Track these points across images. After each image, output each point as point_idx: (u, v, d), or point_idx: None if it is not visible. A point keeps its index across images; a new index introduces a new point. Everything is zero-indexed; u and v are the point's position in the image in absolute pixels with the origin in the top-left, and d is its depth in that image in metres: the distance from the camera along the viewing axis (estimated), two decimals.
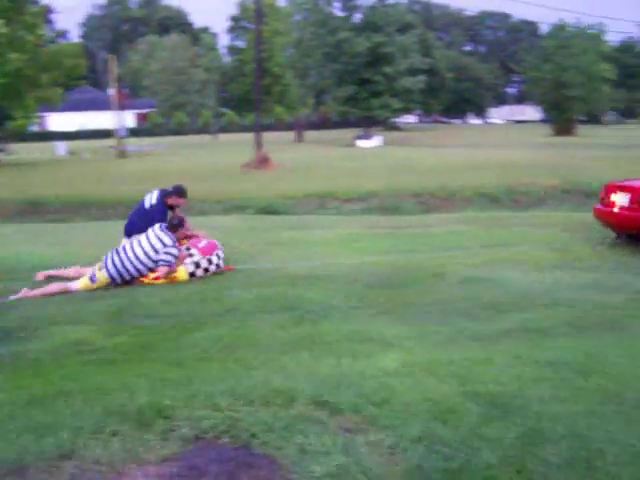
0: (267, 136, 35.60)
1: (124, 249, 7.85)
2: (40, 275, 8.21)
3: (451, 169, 20.22)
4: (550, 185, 16.20)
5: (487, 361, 4.99)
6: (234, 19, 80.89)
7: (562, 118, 55.47)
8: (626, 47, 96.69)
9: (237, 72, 73.72)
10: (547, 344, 5.42)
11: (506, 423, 3.97)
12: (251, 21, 58.17)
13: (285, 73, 61.04)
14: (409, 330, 5.78)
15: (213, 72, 70.65)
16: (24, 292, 7.47)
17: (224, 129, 73.70)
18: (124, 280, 7.82)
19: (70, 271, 8.24)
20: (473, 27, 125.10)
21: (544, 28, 75.54)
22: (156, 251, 7.76)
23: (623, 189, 9.87)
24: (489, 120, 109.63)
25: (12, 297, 7.37)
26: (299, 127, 57.86)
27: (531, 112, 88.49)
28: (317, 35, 52.62)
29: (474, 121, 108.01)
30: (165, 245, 7.80)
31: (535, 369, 4.84)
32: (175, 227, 8.03)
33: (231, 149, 43.25)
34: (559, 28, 58.00)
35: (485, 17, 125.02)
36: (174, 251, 7.85)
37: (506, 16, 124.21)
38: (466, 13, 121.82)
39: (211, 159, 34.26)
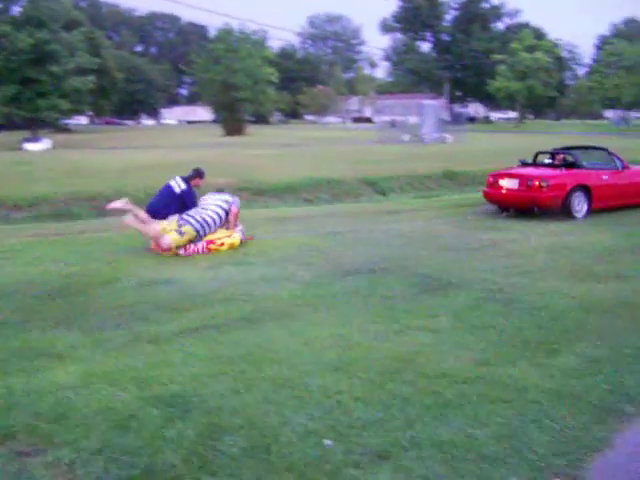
0: None
1: (203, 209, 9.86)
2: (112, 205, 9.75)
3: (124, 170, 19.89)
4: (227, 184, 16.65)
5: (165, 363, 5.03)
6: None
7: (232, 119, 57.39)
8: (286, 53, 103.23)
9: None
10: (223, 339, 5.60)
11: (187, 422, 4.04)
12: None
13: None
14: (85, 340, 5.61)
15: None
16: (128, 220, 9.37)
17: None
18: (204, 233, 9.65)
19: (140, 213, 9.53)
20: (143, 27, 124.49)
21: (213, 32, 77.62)
22: (226, 201, 10.15)
23: (511, 176, 13.33)
24: (162, 121, 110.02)
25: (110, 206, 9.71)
26: None
27: (203, 113, 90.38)
28: None
29: (147, 122, 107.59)
30: (227, 198, 10.28)
31: (212, 365, 4.98)
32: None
33: None
34: (226, 32, 60.00)
35: (155, 18, 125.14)
36: (235, 199, 10.45)
37: (176, 18, 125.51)
38: (136, 13, 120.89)
39: None
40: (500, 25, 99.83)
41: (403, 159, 25.25)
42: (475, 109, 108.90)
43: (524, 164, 14.46)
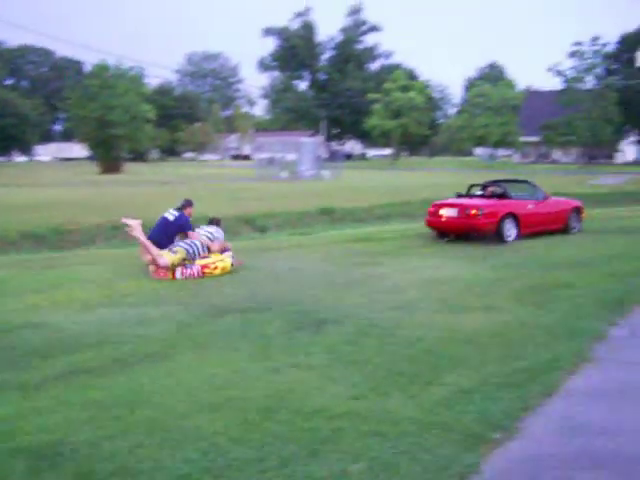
0: None
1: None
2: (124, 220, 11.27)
3: None
4: (96, 223, 16.31)
5: (34, 411, 4.84)
6: None
7: (108, 156, 56.22)
8: (164, 90, 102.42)
9: None
10: (95, 384, 5.44)
11: (56, 473, 3.90)
12: None
13: None
14: None
15: None
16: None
17: None
18: (195, 253, 10.92)
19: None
20: (14, 60, 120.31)
21: (88, 67, 76.06)
22: (211, 234, 11.58)
23: (451, 205, 15.18)
24: (35, 157, 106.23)
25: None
26: None
27: (78, 150, 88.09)
28: None
29: (20, 159, 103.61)
30: (213, 232, 11.71)
31: (85, 411, 4.83)
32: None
33: None
34: (101, 68, 58.94)
35: (27, 51, 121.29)
36: (219, 235, 11.80)
37: (49, 52, 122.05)
38: (5, 45, 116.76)
39: None
40: (375, 65, 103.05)
41: (281, 196, 25.50)
42: (352, 146, 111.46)
43: (459, 195, 16.32)
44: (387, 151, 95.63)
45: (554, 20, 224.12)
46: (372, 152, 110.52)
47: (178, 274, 10.61)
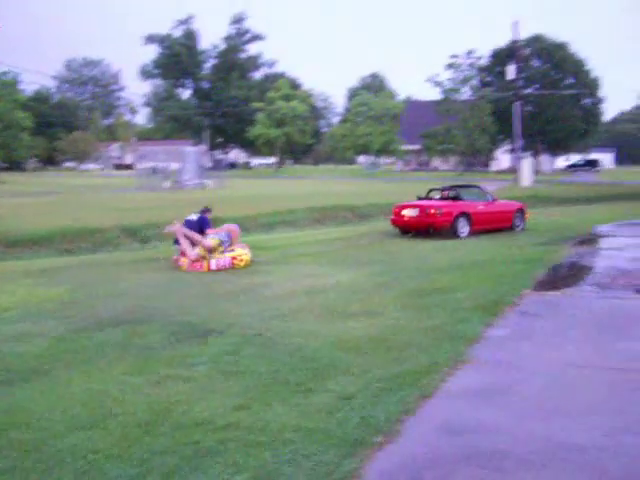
0: None
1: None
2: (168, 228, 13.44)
3: None
4: None
5: None
6: None
7: None
8: (41, 97, 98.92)
9: None
10: None
11: None
12: None
13: None
14: None
15: None
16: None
17: None
18: (226, 243, 12.87)
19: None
20: None
21: None
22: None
23: (413, 206, 17.96)
24: None
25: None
26: None
27: None
28: None
29: None
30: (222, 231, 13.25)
31: None
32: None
33: None
34: None
35: None
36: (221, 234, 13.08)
37: None
38: None
39: None
40: (258, 74, 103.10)
41: (163, 206, 25.03)
42: (236, 155, 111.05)
43: (420, 198, 19.29)
44: (271, 160, 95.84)
45: (434, 33, 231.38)
46: (256, 161, 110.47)
47: (213, 265, 12.33)
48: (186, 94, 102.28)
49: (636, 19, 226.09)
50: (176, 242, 13.12)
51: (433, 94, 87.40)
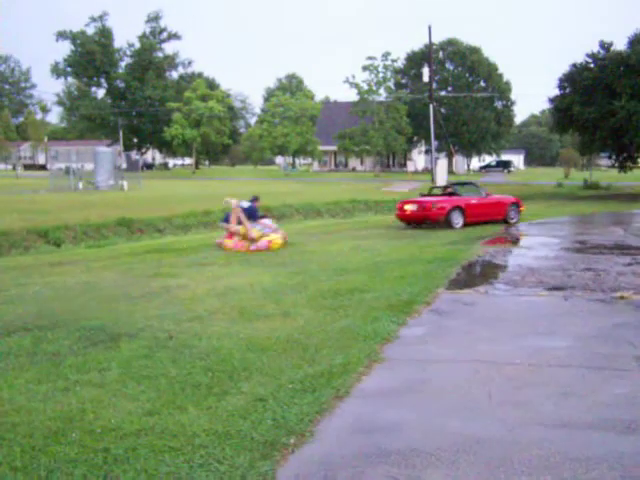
0: None
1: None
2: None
3: None
4: None
5: None
6: None
7: None
8: None
9: None
10: None
11: None
12: None
13: None
14: None
15: None
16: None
17: None
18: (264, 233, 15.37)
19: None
20: None
21: None
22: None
23: (413, 202, 20.80)
24: None
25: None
26: None
27: None
28: None
29: None
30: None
31: None
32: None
33: None
34: None
35: None
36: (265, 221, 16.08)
37: None
38: None
39: None
40: (175, 74, 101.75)
41: (77, 207, 24.48)
42: (153, 156, 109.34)
43: (422, 195, 22.44)
44: (188, 160, 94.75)
45: (352, 35, 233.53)
46: (173, 162, 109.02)
47: (253, 247, 14.83)
48: (100, 93, 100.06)
49: (546, 30, 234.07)
50: (225, 220, 15.63)
51: (350, 95, 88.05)
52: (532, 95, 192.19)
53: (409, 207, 20.57)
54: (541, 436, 4.63)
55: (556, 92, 39.46)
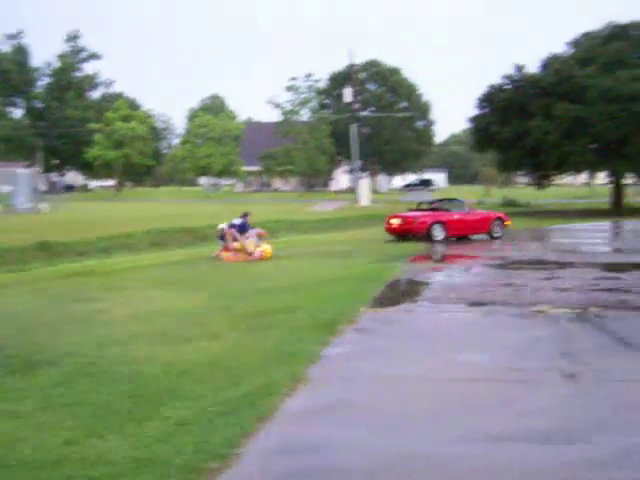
0: None
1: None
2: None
3: None
4: None
5: None
6: None
7: None
8: None
9: None
10: None
11: None
12: None
13: None
14: None
15: None
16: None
17: None
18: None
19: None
20: None
21: None
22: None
23: (398, 217, 22.49)
24: None
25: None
26: None
27: None
28: None
29: None
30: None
31: None
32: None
33: None
34: None
35: None
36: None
37: None
38: None
39: None
40: (95, 94, 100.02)
41: None
42: (73, 177, 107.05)
43: (410, 210, 24.39)
44: (111, 182, 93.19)
45: (276, 56, 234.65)
46: (95, 183, 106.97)
47: (250, 257, 16.92)
48: (18, 113, 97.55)
49: (467, 51, 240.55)
50: (221, 238, 17.90)
51: (274, 116, 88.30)
52: (453, 115, 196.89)
53: (394, 221, 22.36)
54: (462, 451, 4.71)
55: (475, 112, 40.50)
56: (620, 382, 6.28)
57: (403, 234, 22.11)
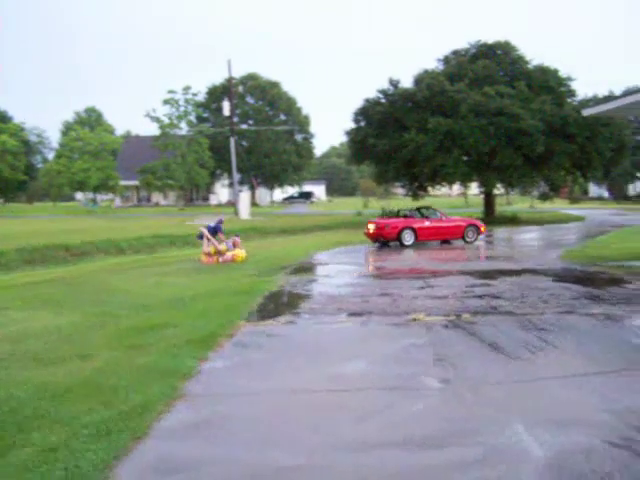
0: None
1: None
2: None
3: None
4: None
5: None
6: None
7: None
8: None
9: None
10: None
11: None
12: None
13: None
14: None
15: None
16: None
17: None
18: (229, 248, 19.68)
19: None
20: None
21: None
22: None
23: (373, 223, 24.70)
24: None
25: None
26: None
27: None
28: None
29: None
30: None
31: None
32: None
33: None
34: None
35: None
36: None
37: None
38: None
39: None
40: None
41: None
42: None
43: (382, 217, 29.54)
44: None
45: (154, 69, 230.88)
46: None
47: (221, 259, 18.92)
48: None
49: (345, 66, 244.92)
50: (199, 237, 19.92)
51: (152, 129, 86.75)
52: (333, 128, 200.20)
53: (370, 226, 24.61)
54: (340, 459, 4.76)
55: (352, 125, 41.24)
56: (491, 385, 6.52)
57: (377, 239, 24.45)
